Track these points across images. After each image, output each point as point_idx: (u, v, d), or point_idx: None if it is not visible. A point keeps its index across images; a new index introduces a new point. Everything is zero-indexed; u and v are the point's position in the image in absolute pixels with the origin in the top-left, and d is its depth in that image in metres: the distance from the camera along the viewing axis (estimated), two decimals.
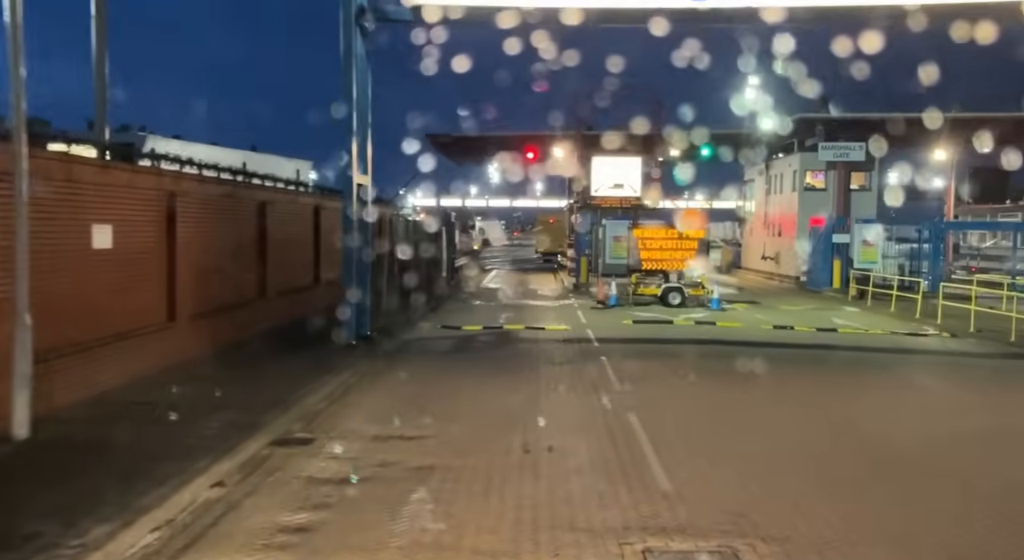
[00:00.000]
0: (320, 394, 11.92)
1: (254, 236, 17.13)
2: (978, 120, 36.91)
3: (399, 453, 9.19)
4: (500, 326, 20.87)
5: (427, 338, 18.85)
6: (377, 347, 16.36)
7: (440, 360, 15.87)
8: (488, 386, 13.17)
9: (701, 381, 13.81)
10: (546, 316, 23.73)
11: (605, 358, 15.69)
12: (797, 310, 26.29)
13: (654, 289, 27.00)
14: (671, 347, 17.84)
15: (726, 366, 15.42)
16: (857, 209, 36.42)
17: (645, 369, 14.86)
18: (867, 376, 14.95)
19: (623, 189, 41.98)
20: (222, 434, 9.38)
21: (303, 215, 20.86)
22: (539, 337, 19.17)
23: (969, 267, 37.05)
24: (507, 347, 17.63)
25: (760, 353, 17.05)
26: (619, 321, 22.30)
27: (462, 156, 47.91)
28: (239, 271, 16.12)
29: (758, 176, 44.80)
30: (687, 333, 20.18)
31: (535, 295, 31.13)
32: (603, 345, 17.73)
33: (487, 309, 25.74)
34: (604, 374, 14.16)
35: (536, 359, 15.84)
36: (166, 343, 12.84)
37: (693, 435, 10.28)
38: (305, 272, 21.01)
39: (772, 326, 21.32)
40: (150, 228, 12.54)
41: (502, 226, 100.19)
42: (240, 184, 17.07)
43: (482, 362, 15.62)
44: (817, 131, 36.43)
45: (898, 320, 23.41)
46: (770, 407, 12.15)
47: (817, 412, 11.83)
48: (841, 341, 19.21)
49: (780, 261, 39.94)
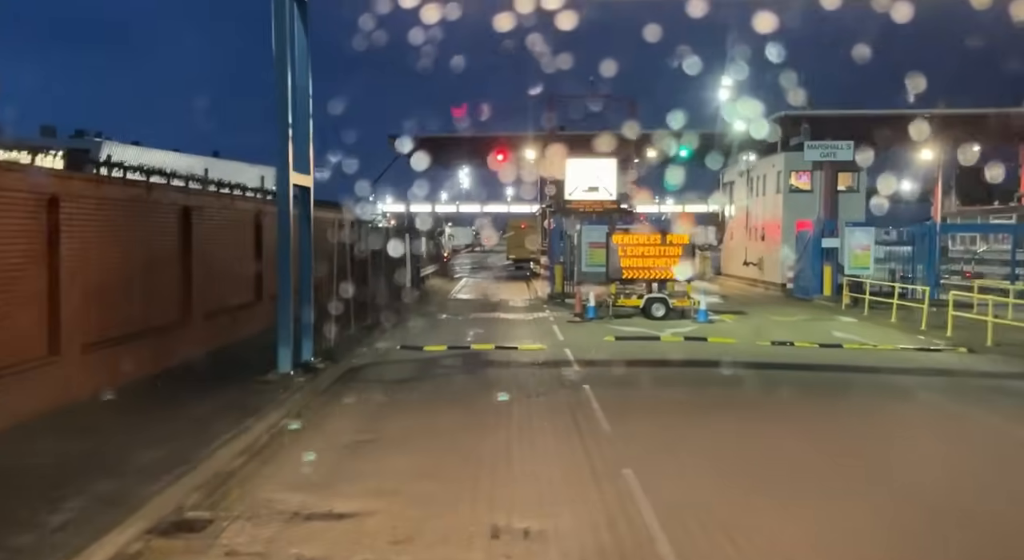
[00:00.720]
0: (236, 447, 9.48)
1: (176, 247, 14.63)
2: (967, 117, 35.33)
3: (323, 544, 6.79)
4: (467, 346, 18.50)
5: (382, 362, 16.41)
6: (320, 377, 13.92)
7: (394, 392, 13.44)
8: (449, 430, 10.79)
9: (703, 417, 11.53)
10: (519, 332, 21.41)
11: (588, 387, 13.38)
12: (790, 321, 24.21)
13: (635, 300, 24.79)
14: (662, 371, 15.58)
15: (729, 395, 13.20)
16: (845, 211, 34.50)
17: (636, 401, 12.56)
18: (894, 406, 12.79)
19: (598, 192, 39.87)
20: (82, 518, 6.93)
21: (242, 222, 18.36)
22: (512, 359, 16.84)
23: (963, 272, 35.31)
24: (475, 373, 15.26)
25: (764, 377, 14.87)
26: (600, 337, 20.02)
27: (429, 159, 45.41)
28: (154, 290, 13.62)
29: (739, 178, 42.88)
30: (677, 352, 17.95)
31: (507, 307, 28.79)
32: (585, 369, 15.43)
33: (454, 324, 23.36)
34: (588, 409, 11.84)
35: (508, 389, 13.50)
36: (46, 382, 10.32)
37: (708, 499, 7.97)
38: (245, 288, 18.49)
39: (770, 342, 19.16)
40: (22, 239, 10.02)
41: (472, 232, 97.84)
42: (157, 186, 14.54)
43: (443, 395, 13.23)
44: (803, 129, 34.55)
45: (902, 332, 21.39)
46: (793, 452, 9.91)
47: (853, 461, 9.59)
48: (851, 360, 17.07)
49: (764, 267, 37.98)
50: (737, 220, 43.19)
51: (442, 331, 21.76)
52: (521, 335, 20.76)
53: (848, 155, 33.96)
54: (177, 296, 14.55)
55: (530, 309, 27.81)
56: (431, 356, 17.32)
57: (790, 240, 33.54)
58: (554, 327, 22.27)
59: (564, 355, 17.05)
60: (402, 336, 20.27)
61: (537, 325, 23.04)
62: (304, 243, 14.94)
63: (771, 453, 9.82)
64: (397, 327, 22.06)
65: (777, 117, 34.10)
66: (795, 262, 32.43)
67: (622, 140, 38.98)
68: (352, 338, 18.52)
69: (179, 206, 14.81)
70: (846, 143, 33.80)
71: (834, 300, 29.10)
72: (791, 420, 11.41)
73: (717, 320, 23.98)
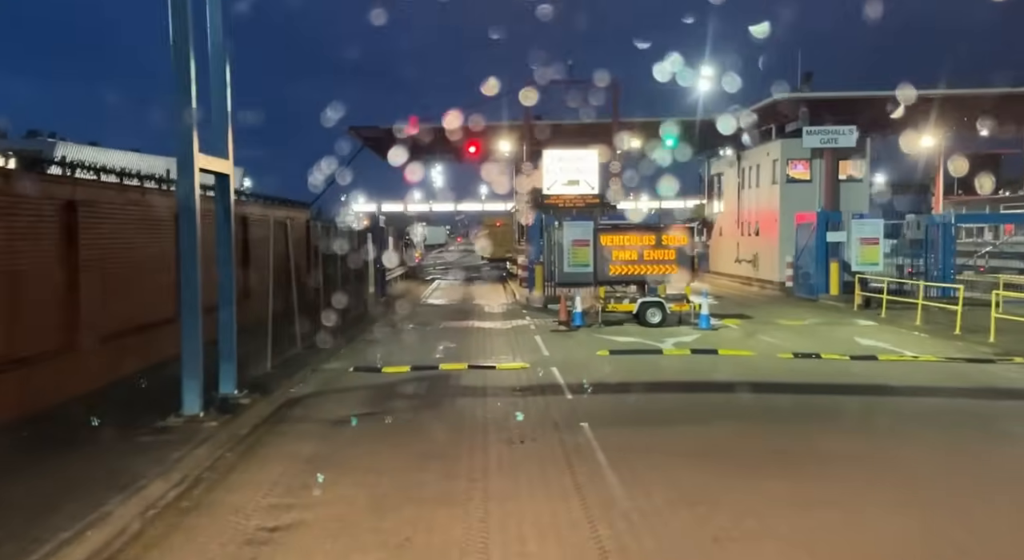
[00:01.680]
0: (80, 552, 6.35)
1: (55, 253, 11.41)
2: (971, 97, 32.79)
3: None
4: (435, 365, 15.42)
5: (327, 392, 13.27)
6: (241, 418, 10.76)
7: (334, 440, 10.29)
8: (400, 505, 7.71)
9: (751, 478, 8.50)
10: (496, 345, 18.36)
11: (587, 426, 10.37)
12: (802, 326, 21.40)
13: (627, 305, 21.84)
14: (676, 400, 12.61)
15: (768, 436, 10.25)
16: (847, 202, 31.93)
17: (654, 450, 9.53)
18: (982, 444, 9.88)
19: (579, 186, 36.93)
20: None
21: (159, 221, 15.12)
22: (488, 383, 13.78)
23: (976, 266, 32.75)
24: (440, 407, 12.16)
25: (801, 405, 11.98)
26: (591, 351, 17.03)
27: (396, 154, 42.16)
28: (20, 310, 10.41)
29: (728, 168, 40.11)
30: (687, 370, 15.00)
31: (482, 313, 25.71)
32: (578, 397, 12.41)
33: (421, 336, 20.25)
34: (593, 465, 8.81)
35: (483, 431, 10.46)
36: None
37: None
38: (164, 301, 15.19)
39: (792, 354, 16.27)
40: None
41: (446, 231, 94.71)
42: (20, 174, 11.28)
43: (398, 444, 10.11)
44: (800, 113, 31.79)
45: (935, 338, 18.62)
46: (886, 535, 6.95)
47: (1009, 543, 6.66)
48: (897, 377, 14.17)
49: (759, 264, 35.23)
50: (727, 214, 40.41)
51: (407, 346, 18.66)
52: (499, 349, 17.73)
53: (850, 141, 31.38)
54: (56, 316, 11.32)
55: (508, 315, 24.76)
56: (390, 380, 14.22)
57: (789, 234, 30.81)
58: (537, 338, 19.24)
59: (552, 377, 14.03)
60: (358, 353, 17.15)
61: (517, 335, 20.00)
62: (223, 245, 11.80)
63: (886, 547, 6.83)
64: (355, 341, 18.93)
65: (771, 102, 31.25)
66: (796, 258, 29.66)
67: (602, 129, 36.12)
68: (297, 359, 15.40)
69: (60, 201, 11.57)
70: (848, 128, 31.21)
71: (842, 300, 26.37)
72: (877, 482, 8.40)
73: (720, 326, 21.11)
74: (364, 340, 19.41)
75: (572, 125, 37.45)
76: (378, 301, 27.12)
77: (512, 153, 39.24)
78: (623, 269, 22.06)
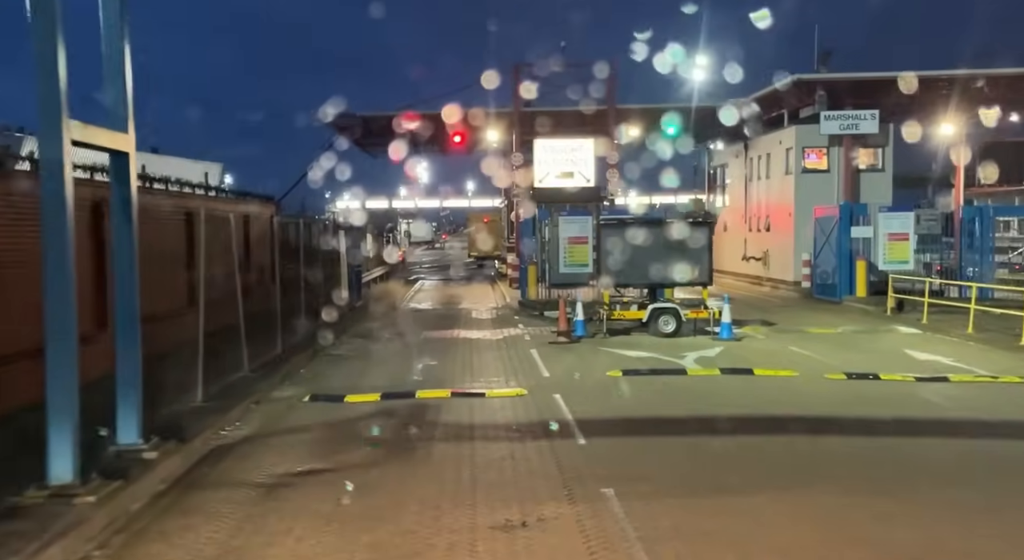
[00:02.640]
0: None
1: None
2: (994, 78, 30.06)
3: None
4: (411, 392, 12.48)
5: (268, 434, 10.30)
6: (138, 484, 7.80)
7: (260, 519, 7.33)
8: None
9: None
10: (486, 362, 15.48)
11: (612, 492, 7.49)
12: (837, 335, 18.64)
13: (636, 312, 18.97)
14: (728, 445, 9.62)
15: (871, 518, 7.40)
16: (867, 194, 29.22)
17: (721, 536, 6.65)
18: None
19: (574, 178, 34.06)
20: None
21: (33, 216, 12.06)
22: (475, 419, 10.89)
23: (1011, 264, 30.08)
24: (414, 459, 9.20)
25: (892, 455, 9.14)
26: (600, 370, 14.16)
27: (374, 144, 39.20)
28: None
29: (733, 159, 37.31)
30: (723, 397, 12.12)
31: (470, 320, 22.78)
32: (594, 443, 9.51)
33: (396, 352, 17.33)
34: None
35: (470, 503, 7.55)
36: None
37: None
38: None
39: (844, 375, 13.45)
40: None
41: (432, 227, 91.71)
42: None
43: (352, 522, 7.19)
44: (818, 97, 28.99)
45: (998, 350, 15.91)
46: None
47: None
48: (987, 407, 11.34)
49: (770, 262, 32.46)
50: (732, 208, 37.59)
51: (379, 363, 15.73)
52: (489, 368, 14.85)
53: (873, 127, 28.64)
54: None
55: (499, 322, 21.85)
56: (352, 414, 11.29)
57: (805, 229, 28.04)
58: (533, 352, 16.36)
59: (556, 409, 11.15)
60: (318, 376, 14.23)
61: (510, 349, 17.11)
62: (124, 245, 8.86)
63: None
64: (317, 358, 16.01)
65: (790, 81, 28.45)
66: (814, 256, 26.90)
67: (599, 116, 33.29)
68: (241, 385, 12.45)
69: None
70: (870, 112, 28.46)
71: (871, 302, 23.60)
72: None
73: (744, 336, 18.32)
74: (329, 355, 16.47)
75: (566, 112, 34.50)
76: (353, 306, 24.17)
77: (501, 143, 36.29)
78: (635, 270, 19.19)
